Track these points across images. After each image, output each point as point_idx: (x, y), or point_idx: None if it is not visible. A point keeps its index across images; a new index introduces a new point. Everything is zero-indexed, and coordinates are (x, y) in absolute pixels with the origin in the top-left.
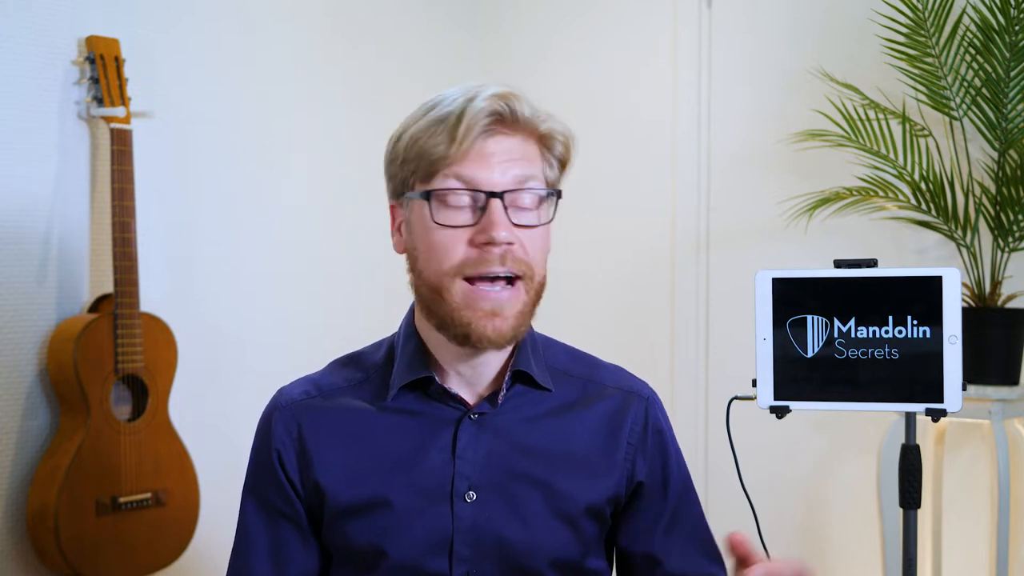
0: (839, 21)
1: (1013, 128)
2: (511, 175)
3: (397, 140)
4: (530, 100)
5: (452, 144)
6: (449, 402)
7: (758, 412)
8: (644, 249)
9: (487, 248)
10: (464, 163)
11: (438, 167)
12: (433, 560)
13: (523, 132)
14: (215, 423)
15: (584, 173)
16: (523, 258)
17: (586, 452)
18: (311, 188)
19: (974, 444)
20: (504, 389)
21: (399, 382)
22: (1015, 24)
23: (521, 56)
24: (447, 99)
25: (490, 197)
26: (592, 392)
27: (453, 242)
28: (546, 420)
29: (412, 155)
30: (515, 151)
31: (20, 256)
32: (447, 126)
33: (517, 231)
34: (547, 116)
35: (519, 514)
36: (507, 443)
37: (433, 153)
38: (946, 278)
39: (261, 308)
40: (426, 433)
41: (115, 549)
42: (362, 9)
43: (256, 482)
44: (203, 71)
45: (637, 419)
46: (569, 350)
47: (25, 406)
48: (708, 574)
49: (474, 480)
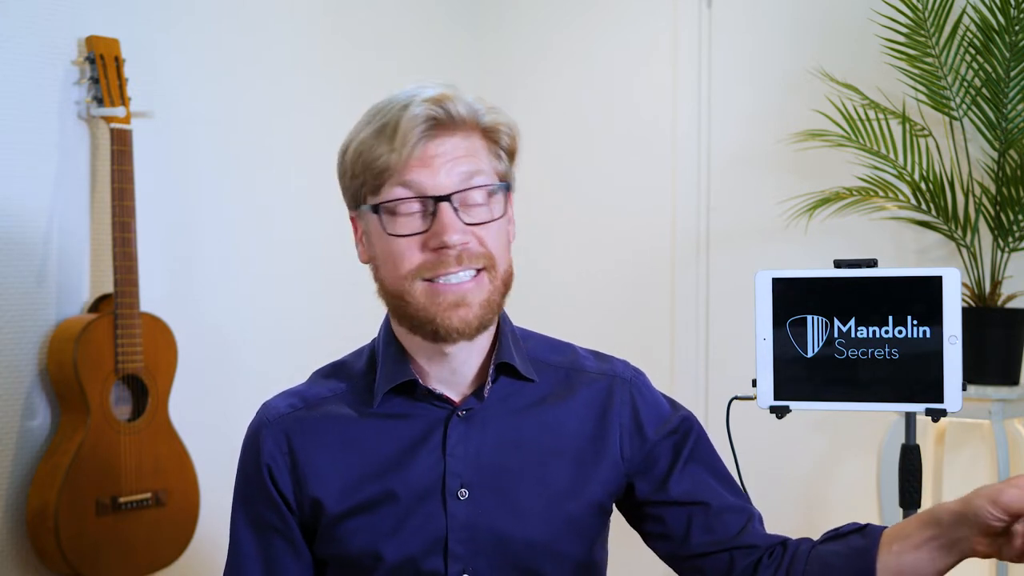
0: (839, 21)
1: (1013, 128)
2: (456, 174)
3: (345, 152)
4: (466, 96)
5: (393, 154)
6: (435, 402)
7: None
8: (644, 249)
9: (442, 251)
10: (408, 170)
11: (384, 178)
12: (428, 560)
13: (464, 129)
14: (215, 423)
15: (584, 173)
16: (480, 251)
17: (577, 442)
18: (311, 188)
19: (974, 444)
20: (489, 382)
21: (384, 387)
22: (1015, 24)
23: (521, 56)
24: (385, 108)
25: (438, 201)
26: (575, 380)
27: (408, 249)
28: (533, 411)
29: (359, 168)
30: (458, 149)
31: (20, 256)
32: (386, 136)
33: (471, 229)
34: (489, 109)
35: (513, 509)
36: (497, 437)
37: (377, 165)
38: (946, 278)
39: (261, 308)
40: (415, 434)
41: (115, 549)
42: (362, 9)
43: (246, 498)
44: (203, 71)
45: (624, 403)
46: (547, 340)
47: (25, 406)
48: (740, 507)
49: (466, 477)
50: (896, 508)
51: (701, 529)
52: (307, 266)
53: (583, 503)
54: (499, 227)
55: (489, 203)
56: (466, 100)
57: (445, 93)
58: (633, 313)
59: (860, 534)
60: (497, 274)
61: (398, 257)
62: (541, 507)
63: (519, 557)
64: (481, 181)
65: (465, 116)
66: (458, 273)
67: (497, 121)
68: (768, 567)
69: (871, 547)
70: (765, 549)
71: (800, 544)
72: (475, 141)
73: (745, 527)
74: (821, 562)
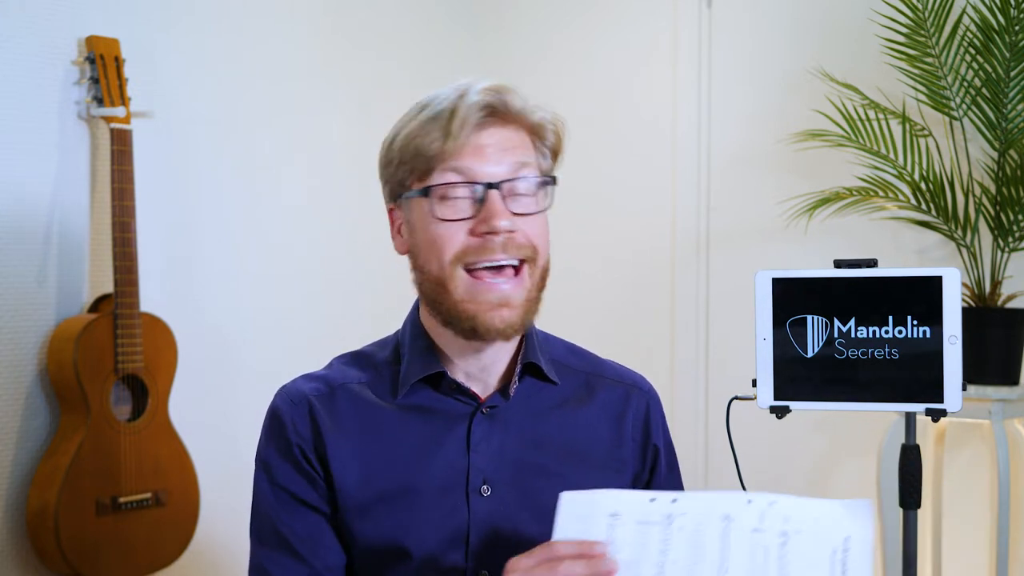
0: (839, 21)
1: (1013, 128)
2: (507, 165)
3: (391, 142)
4: (521, 92)
5: (447, 139)
6: (460, 397)
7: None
8: (644, 249)
9: (488, 237)
10: (460, 157)
11: (434, 164)
12: (449, 554)
13: (515, 123)
14: (215, 423)
15: (584, 173)
16: (525, 243)
17: (595, 446)
18: (311, 188)
19: (974, 444)
20: (515, 381)
21: (411, 378)
22: (1015, 24)
23: (521, 56)
24: (439, 97)
25: (488, 188)
26: (594, 385)
27: (454, 233)
28: (554, 413)
29: (408, 155)
30: (509, 141)
31: (20, 256)
32: (441, 122)
33: (517, 219)
34: (537, 107)
35: (535, 507)
36: (519, 437)
37: (429, 150)
38: (946, 278)
39: (261, 308)
40: (439, 428)
41: (115, 549)
42: (362, 9)
43: (277, 479)
44: (203, 71)
45: (639, 413)
46: (567, 344)
47: (25, 406)
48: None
49: (488, 474)
50: (896, 508)
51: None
52: (307, 266)
53: None
54: (543, 220)
55: (536, 195)
56: (521, 95)
57: (503, 84)
58: (633, 313)
59: None
60: (537, 267)
61: (444, 241)
62: None
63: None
64: (529, 174)
65: (519, 110)
66: (499, 260)
67: (545, 119)
68: None
69: None
70: None
71: None
72: (524, 137)
73: None
74: None
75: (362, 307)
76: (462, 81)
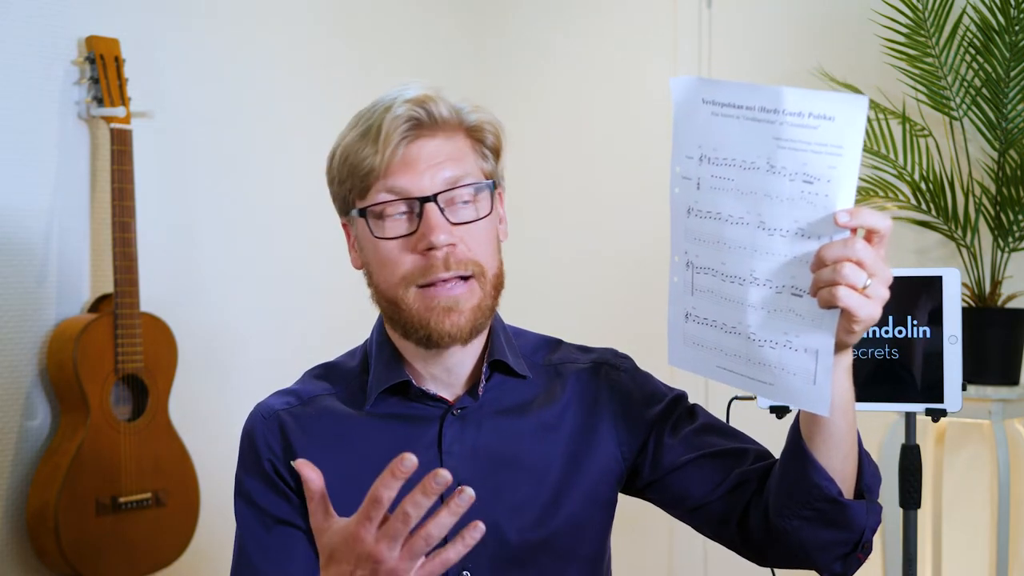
0: (839, 21)
1: (1013, 128)
2: (440, 177)
3: (332, 158)
4: (450, 97)
5: (376, 156)
6: (429, 402)
7: (758, 412)
8: (644, 249)
9: (430, 254)
10: (391, 174)
11: (369, 181)
12: None
13: (446, 130)
14: (215, 423)
15: (585, 173)
16: (468, 257)
17: (570, 437)
18: (311, 188)
19: (974, 444)
20: (483, 380)
21: (378, 388)
22: (1015, 24)
23: (522, 57)
24: (369, 111)
25: (423, 202)
26: (564, 373)
27: (398, 253)
28: (527, 409)
29: (345, 173)
30: (441, 151)
31: (20, 256)
32: (370, 139)
33: (458, 229)
34: (473, 108)
35: (511, 506)
36: (493, 434)
37: (362, 168)
38: (946, 278)
39: (261, 308)
40: (411, 433)
41: (115, 549)
42: (363, 10)
43: (251, 496)
44: (203, 71)
45: (613, 388)
46: (536, 337)
47: (25, 406)
48: (735, 449)
49: (463, 475)
50: (896, 508)
51: (698, 483)
52: (307, 266)
53: (580, 498)
54: (486, 226)
55: (475, 202)
56: (449, 101)
57: (427, 94)
58: (633, 313)
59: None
60: (487, 280)
61: (389, 263)
62: (538, 504)
63: (517, 554)
64: (466, 181)
65: (448, 117)
66: (443, 276)
67: (481, 120)
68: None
69: (795, 422)
70: (759, 480)
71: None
72: (459, 141)
73: (740, 467)
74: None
75: (362, 307)
76: (392, 90)
